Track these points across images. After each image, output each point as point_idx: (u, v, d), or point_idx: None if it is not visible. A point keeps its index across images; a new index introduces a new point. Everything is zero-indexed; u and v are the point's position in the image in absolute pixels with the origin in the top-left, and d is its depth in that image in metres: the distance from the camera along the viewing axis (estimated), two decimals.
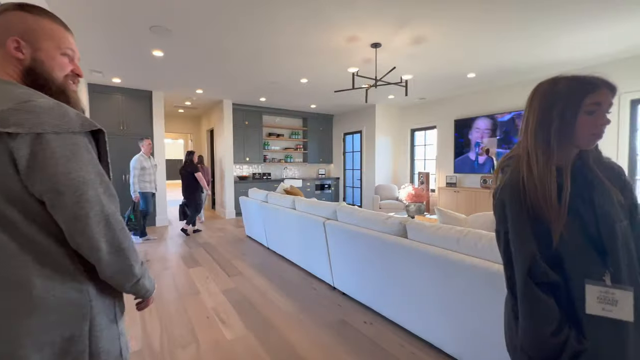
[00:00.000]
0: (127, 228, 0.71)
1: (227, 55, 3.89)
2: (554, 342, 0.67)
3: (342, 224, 2.51)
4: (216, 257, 3.82)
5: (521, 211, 0.71)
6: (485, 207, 5.28)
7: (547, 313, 0.68)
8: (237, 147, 6.87)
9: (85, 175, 0.62)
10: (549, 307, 0.68)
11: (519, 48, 3.77)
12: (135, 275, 0.72)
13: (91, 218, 0.62)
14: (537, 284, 0.69)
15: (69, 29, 0.74)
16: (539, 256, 0.69)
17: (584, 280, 0.66)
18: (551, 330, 0.68)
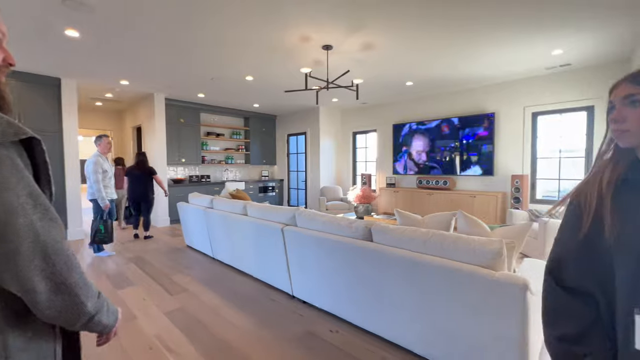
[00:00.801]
0: (73, 257, 0.58)
1: (162, 44, 3.44)
2: (560, 348, 0.68)
3: (302, 230, 2.40)
4: (152, 273, 3.34)
5: (572, 212, 0.70)
6: (421, 205, 5.74)
7: (560, 312, 0.68)
8: (170, 147, 6.19)
9: (11, 200, 0.49)
10: (563, 307, 0.67)
11: (449, 63, 4.18)
12: (87, 313, 0.59)
13: (22, 254, 0.50)
14: (562, 286, 0.68)
15: None
16: (566, 256, 0.68)
17: (634, 309, 0.55)
18: (558, 333, 0.69)
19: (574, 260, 0.68)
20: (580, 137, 4.56)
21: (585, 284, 0.66)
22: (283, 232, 2.54)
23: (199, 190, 6.34)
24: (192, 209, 3.97)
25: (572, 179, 4.68)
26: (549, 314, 0.71)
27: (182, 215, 4.31)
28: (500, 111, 5.16)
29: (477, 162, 5.34)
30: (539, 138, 4.93)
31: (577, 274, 0.67)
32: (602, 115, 4.23)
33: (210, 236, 3.70)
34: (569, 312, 0.67)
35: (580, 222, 0.67)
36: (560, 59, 4.01)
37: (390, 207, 6.23)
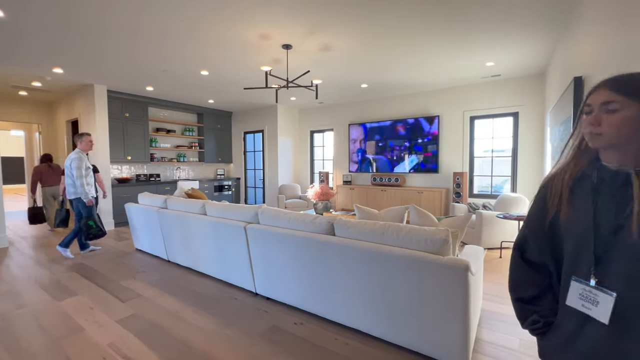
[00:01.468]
0: None
1: (105, 30, 3.18)
2: (517, 306, 0.86)
3: (266, 227, 2.43)
4: (99, 281, 3.08)
5: (541, 198, 0.81)
6: (375, 201, 6.08)
7: (520, 280, 0.85)
8: (114, 144, 5.69)
9: None
10: (523, 276, 0.83)
11: (399, 69, 4.50)
12: None
13: None
14: (525, 259, 0.84)
15: None
16: (531, 236, 0.83)
17: (571, 277, 0.71)
18: (516, 296, 0.86)
19: (537, 239, 0.82)
20: (508, 139, 5.24)
21: (543, 258, 0.81)
22: (246, 231, 2.54)
23: (148, 190, 5.94)
24: (143, 210, 3.73)
25: (502, 175, 5.35)
26: (513, 281, 0.87)
27: (130, 217, 4.01)
28: (444, 114, 5.68)
29: (425, 160, 5.81)
30: (476, 139, 5.54)
31: (538, 250, 0.83)
32: (525, 120, 4.91)
33: (164, 238, 3.52)
34: (528, 280, 0.84)
35: (546, 207, 0.79)
36: (492, 70, 4.56)
37: (347, 203, 6.48)
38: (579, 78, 2.13)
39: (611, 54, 1.60)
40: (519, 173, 5.05)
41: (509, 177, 5.24)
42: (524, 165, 5.00)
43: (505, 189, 5.37)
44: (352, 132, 6.67)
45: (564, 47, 3.04)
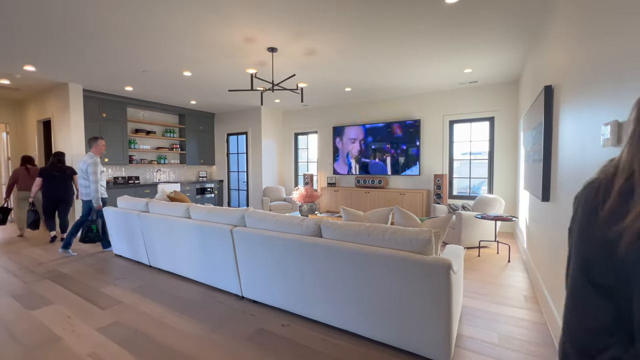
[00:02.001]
0: None
1: (82, 26, 3.08)
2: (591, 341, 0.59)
3: (253, 230, 2.43)
4: (76, 288, 2.95)
5: (591, 211, 0.60)
6: (359, 202, 6.17)
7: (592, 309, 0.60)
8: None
9: None
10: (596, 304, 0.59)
11: (383, 74, 4.61)
12: None
13: None
14: (593, 283, 0.60)
15: None
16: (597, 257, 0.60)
17: None
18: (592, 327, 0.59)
19: (599, 257, 0.60)
20: (485, 143, 5.47)
21: (607, 281, 0.59)
22: (232, 234, 2.52)
23: (127, 193, 5.75)
24: (123, 214, 3.61)
25: (480, 177, 5.58)
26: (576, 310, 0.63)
27: (110, 221, 3.88)
28: (425, 118, 5.86)
29: (407, 163, 5.97)
30: (455, 142, 5.75)
31: (603, 271, 0.59)
32: (501, 124, 5.15)
33: (146, 242, 3.42)
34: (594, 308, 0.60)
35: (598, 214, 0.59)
36: (469, 76, 4.76)
37: (332, 205, 6.53)
38: (549, 87, 2.28)
39: (576, 65, 1.74)
40: (495, 175, 5.28)
41: (486, 178, 5.48)
42: (500, 167, 5.24)
43: (482, 190, 5.60)
44: (336, 134, 6.75)
45: (534, 57, 3.23)
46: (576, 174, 1.67)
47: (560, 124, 2.06)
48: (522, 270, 3.37)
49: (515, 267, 3.46)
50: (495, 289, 2.85)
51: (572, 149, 1.80)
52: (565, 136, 1.95)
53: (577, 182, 1.67)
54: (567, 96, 1.91)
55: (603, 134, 1.18)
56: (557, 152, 2.13)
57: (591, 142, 1.43)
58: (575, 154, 1.72)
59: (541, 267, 2.63)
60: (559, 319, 1.96)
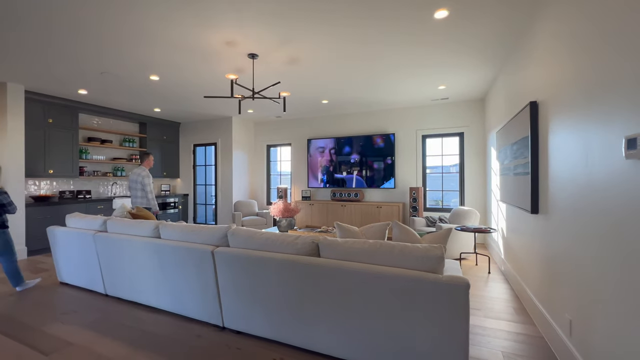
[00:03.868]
0: None
1: (26, 15, 2.66)
2: None
3: (238, 251, 2.16)
4: (10, 329, 2.40)
5: None
6: (335, 216, 6.04)
7: None
8: (33, 155, 4.76)
9: None
10: None
11: (359, 88, 4.64)
12: None
13: None
14: None
15: None
16: None
17: None
18: None
19: None
20: (455, 157, 5.70)
21: None
22: (214, 255, 2.23)
23: (76, 209, 5.05)
24: (74, 234, 3.10)
25: (451, 190, 5.77)
26: None
27: (54, 243, 3.31)
28: (399, 132, 5.98)
29: (383, 176, 6.00)
30: (427, 156, 5.92)
31: None
32: (470, 139, 5.40)
33: (102, 267, 2.94)
34: None
35: None
36: (442, 92, 4.95)
37: (308, 219, 6.32)
38: (534, 102, 2.37)
39: (574, 80, 1.79)
40: (466, 187, 5.49)
41: (457, 191, 5.67)
42: (470, 180, 5.46)
43: (452, 202, 5.78)
44: (311, 147, 6.63)
45: (509, 75, 3.42)
46: (577, 187, 1.69)
47: (549, 138, 2.13)
48: (503, 281, 3.44)
49: (495, 279, 3.52)
50: (484, 302, 2.84)
51: (566, 163, 1.84)
52: (556, 150, 2.00)
53: (576, 194, 1.69)
54: (558, 111, 1.97)
55: (629, 146, 1.17)
56: (546, 166, 2.18)
57: (599, 155, 1.44)
58: (572, 167, 1.75)
59: (529, 279, 2.67)
60: (559, 331, 1.95)
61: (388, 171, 5.96)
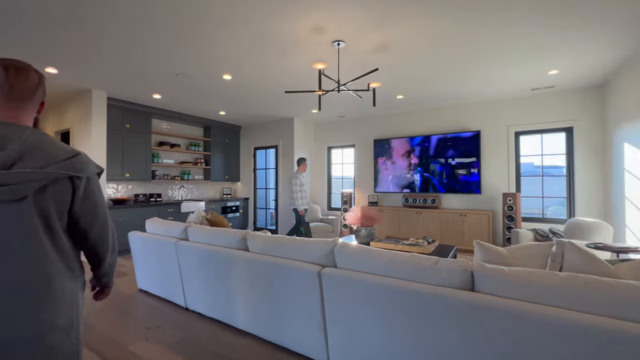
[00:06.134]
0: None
1: (113, 14, 2.52)
2: None
3: (349, 274, 1.72)
4: (94, 341, 2.23)
5: None
6: (409, 225, 5.41)
7: None
8: (112, 159, 4.90)
9: (104, 204, 0.99)
10: None
11: (445, 77, 4.01)
12: (115, 266, 1.10)
13: (109, 227, 1.00)
14: None
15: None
16: None
17: None
18: None
19: None
20: (559, 157, 4.75)
21: None
22: (321, 279, 1.81)
23: (149, 213, 5.11)
24: (154, 242, 2.93)
25: (556, 197, 4.81)
26: None
27: (135, 248, 3.20)
28: (485, 129, 5.18)
29: (464, 180, 5.24)
30: (521, 156, 5.03)
31: None
32: (582, 135, 4.43)
33: (183, 279, 2.72)
34: None
35: None
36: (550, 80, 4.10)
37: (378, 228, 5.78)
38: None
39: None
40: (577, 194, 4.52)
41: (564, 198, 4.71)
42: (584, 185, 4.48)
43: (552, 211, 4.83)
44: (378, 148, 6.09)
45: None
46: None
47: None
48: None
49: None
50: None
51: None
52: None
53: None
54: None
55: None
56: None
57: None
58: None
59: None
60: None
61: (471, 174, 5.19)
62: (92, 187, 0.91)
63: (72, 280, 0.88)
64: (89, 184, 0.89)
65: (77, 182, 0.85)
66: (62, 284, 0.84)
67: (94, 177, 0.92)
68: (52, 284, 0.82)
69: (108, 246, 1.00)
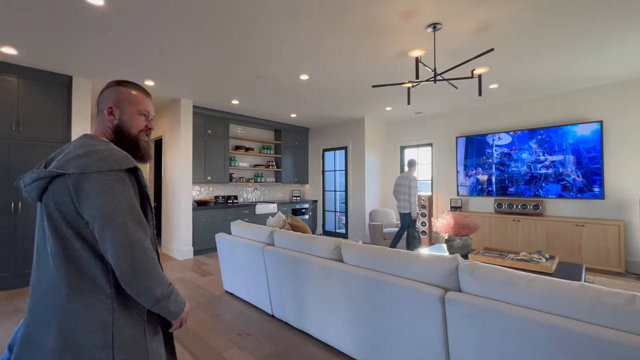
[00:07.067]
0: (153, 255, 0.79)
1: (208, 12, 2.53)
2: None
3: (481, 302, 1.35)
4: (189, 342, 2.24)
5: None
6: (504, 234, 4.66)
7: None
8: (196, 163, 5.22)
9: (117, 205, 0.76)
10: None
11: (565, 59, 3.27)
12: (155, 297, 0.79)
13: (116, 240, 0.74)
14: None
15: (148, 94, 0.98)
16: None
17: None
18: None
19: None
20: None
21: None
22: (444, 304, 1.48)
23: (228, 214, 5.32)
24: (241, 245, 2.92)
25: None
26: None
27: (221, 250, 3.25)
28: (609, 119, 4.19)
29: (578, 181, 4.31)
30: None
31: None
32: None
33: (270, 285, 2.63)
34: None
35: None
36: None
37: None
38: None
39: None
40: None
41: None
42: None
43: None
44: (462, 147, 5.43)
45: None
46: None
47: None
48: None
49: None
50: None
51: None
52: None
53: None
54: None
55: None
56: None
57: None
58: None
59: None
60: None
61: (589, 175, 4.24)
62: (84, 186, 0.75)
63: (94, 296, 0.76)
64: (79, 182, 0.75)
65: (67, 180, 0.76)
66: (75, 297, 0.75)
67: (93, 176, 0.76)
68: (64, 295, 0.75)
69: (118, 262, 0.74)
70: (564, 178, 4.42)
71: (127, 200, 0.78)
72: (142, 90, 0.97)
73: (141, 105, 0.95)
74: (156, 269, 0.79)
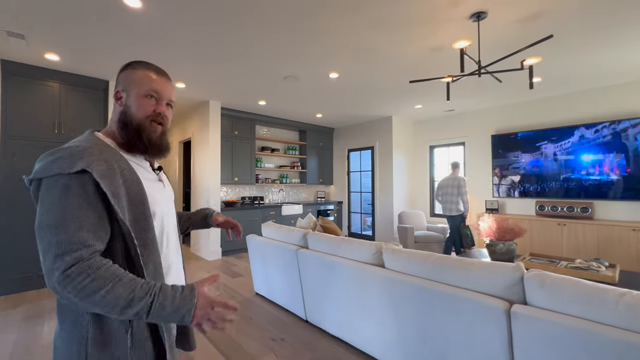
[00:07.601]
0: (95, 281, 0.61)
1: (233, 10, 2.49)
2: None
3: (559, 319, 1.18)
4: (221, 344, 2.19)
5: None
6: (549, 239, 4.33)
7: None
8: (224, 165, 5.26)
9: (47, 220, 0.63)
10: None
11: (621, 50, 2.96)
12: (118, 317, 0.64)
13: (44, 258, 0.62)
14: None
15: (162, 73, 0.83)
16: None
17: None
18: None
19: None
20: None
21: None
22: (510, 318, 1.32)
23: (254, 215, 5.31)
24: (273, 247, 2.86)
25: None
26: None
27: (252, 251, 3.21)
28: None
29: (633, 182, 3.92)
30: None
31: None
32: None
33: (303, 289, 2.54)
34: None
35: None
36: None
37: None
38: None
39: None
40: None
41: None
42: None
43: None
44: (499, 145, 5.12)
45: None
46: None
47: None
48: None
49: None
50: None
51: None
52: None
53: None
54: None
55: None
56: None
57: None
58: None
59: None
60: None
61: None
62: (38, 194, 0.67)
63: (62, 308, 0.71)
64: (35, 188, 0.68)
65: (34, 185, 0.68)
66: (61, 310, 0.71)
67: (43, 182, 0.66)
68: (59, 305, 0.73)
69: (45, 272, 0.62)
70: (615, 178, 4.03)
71: (63, 212, 0.63)
72: (153, 69, 0.81)
73: (149, 85, 0.79)
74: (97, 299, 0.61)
